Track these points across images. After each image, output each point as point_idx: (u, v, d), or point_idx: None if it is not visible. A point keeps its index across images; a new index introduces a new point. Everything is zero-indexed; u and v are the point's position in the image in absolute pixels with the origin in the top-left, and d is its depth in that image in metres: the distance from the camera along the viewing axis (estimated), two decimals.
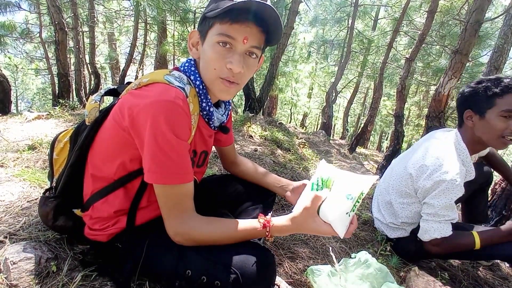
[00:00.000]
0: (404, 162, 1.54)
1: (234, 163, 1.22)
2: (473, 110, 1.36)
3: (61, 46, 5.10)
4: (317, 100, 18.61)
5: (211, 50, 0.77)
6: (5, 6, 7.53)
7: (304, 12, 12.69)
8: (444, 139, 1.45)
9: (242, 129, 3.56)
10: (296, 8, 5.24)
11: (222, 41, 0.76)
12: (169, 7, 6.28)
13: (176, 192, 0.76)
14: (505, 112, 1.27)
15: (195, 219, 0.79)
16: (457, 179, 1.27)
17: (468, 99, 1.38)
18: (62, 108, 3.54)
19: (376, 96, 7.41)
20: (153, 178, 0.73)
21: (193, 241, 0.78)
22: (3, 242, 0.96)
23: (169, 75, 0.78)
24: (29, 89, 19.27)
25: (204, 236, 0.78)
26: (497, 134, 1.31)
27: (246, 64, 0.79)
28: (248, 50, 0.79)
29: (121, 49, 13.15)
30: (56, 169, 0.95)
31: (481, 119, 1.35)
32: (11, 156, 1.75)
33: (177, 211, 0.77)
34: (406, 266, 1.44)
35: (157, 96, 0.71)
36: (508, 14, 4.28)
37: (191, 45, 0.86)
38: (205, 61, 0.80)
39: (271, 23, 0.77)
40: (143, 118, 0.70)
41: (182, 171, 0.75)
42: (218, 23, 0.75)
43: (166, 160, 0.71)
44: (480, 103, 1.33)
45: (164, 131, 0.69)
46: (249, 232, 0.79)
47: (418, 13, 8.30)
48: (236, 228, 0.79)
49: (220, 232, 0.79)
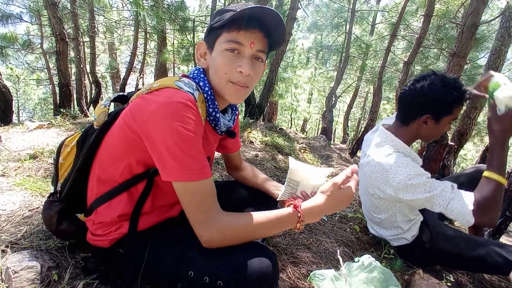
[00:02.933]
0: (362, 186, 1.55)
1: (238, 168, 1.25)
2: (433, 116, 1.33)
3: (62, 56, 5.16)
4: (317, 105, 18.65)
5: (221, 56, 0.81)
6: (6, 18, 7.66)
7: (302, 19, 12.82)
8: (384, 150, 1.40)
9: (242, 135, 3.58)
10: (294, 14, 5.29)
11: (231, 48, 0.80)
12: (169, 16, 6.35)
13: (199, 189, 0.75)
14: (454, 119, 1.35)
15: (225, 215, 0.79)
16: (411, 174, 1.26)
17: (432, 104, 1.31)
18: (63, 117, 3.57)
19: (376, 100, 7.42)
20: (174, 175, 0.74)
21: (225, 237, 0.77)
22: (5, 251, 0.95)
23: (179, 81, 0.81)
24: (31, 99, 19.38)
25: (239, 228, 0.78)
26: (437, 136, 1.44)
27: (253, 67, 0.83)
28: (255, 55, 0.83)
29: (122, 58, 13.27)
30: (62, 173, 0.96)
31: (435, 123, 1.35)
32: (13, 166, 1.75)
33: (206, 208, 0.77)
34: (410, 269, 1.43)
35: (168, 98, 0.73)
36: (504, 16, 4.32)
37: (199, 56, 0.90)
38: (215, 68, 0.84)
39: (274, 26, 0.82)
40: (156, 118, 0.71)
41: (201, 166, 0.75)
42: (225, 32, 0.81)
43: (185, 157, 0.72)
44: (442, 110, 1.32)
45: (179, 128, 0.71)
46: (281, 218, 0.81)
47: (414, 17, 8.38)
48: (268, 216, 0.80)
49: (255, 221, 0.79)
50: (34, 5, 8.24)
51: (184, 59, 7.31)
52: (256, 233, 0.80)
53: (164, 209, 0.92)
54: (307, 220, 0.83)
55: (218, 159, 2.46)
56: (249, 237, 0.80)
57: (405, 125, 1.42)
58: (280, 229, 0.84)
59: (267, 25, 0.81)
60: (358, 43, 9.61)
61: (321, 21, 11.26)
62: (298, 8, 5.51)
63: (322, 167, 1.08)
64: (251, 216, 0.80)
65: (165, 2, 6.39)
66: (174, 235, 0.84)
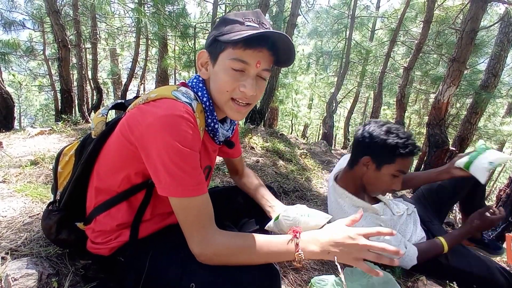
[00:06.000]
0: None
1: (241, 174, 1.24)
2: (373, 159, 1.34)
3: (64, 63, 5.20)
4: (318, 111, 18.68)
5: (224, 73, 0.79)
6: (9, 25, 7.73)
7: (302, 25, 12.92)
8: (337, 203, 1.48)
9: (243, 140, 3.58)
10: (294, 21, 5.34)
11: (236, 68, 0.77)
12: (170, 23, 6.40)
13: (193, 205, 0.74)
14: (398, 172, 1.31)
15: (219, 233, 0.76)
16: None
17: (371, 146, 1.32)
18: (64, 123, 3.58)
19: (376, 105, 7.44)
20: (168, 191, 0.72)
21: (219, 257, 0.75)
22: (5, 258, 0.95)
23: (177, 91, 0.79)
24: (33, 105, 19.48)
25: (233, 250, 0.75)
26: (383, 189, 1.39)
27: (257, 86, 0.81)
28: (260, 74, 0.81)
29: (123, 65, 13.35)
30: (61, 182, 0.95)
31: (376, 170, 1.34)
32: (14, 172, 1.76)
33: (201, 226, 0.75)
34: (413, 276, 1.41)
35: (165, 110, 0.71)
36: (503, 22, 4.34)
37: (200, 65, 0.86)
38: (218, 84, 0.81)
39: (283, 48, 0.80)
40: (152, 132, 0.70)
41: (196, 182, 0.74)
42: (231, 48, 0.77)
43: (180, 172, 0.71)
44: (382, 156, 1.31)
45: (175, 144, 0.69)
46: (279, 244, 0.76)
47: (414, 23, 8.43)
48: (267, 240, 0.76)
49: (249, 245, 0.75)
50: (37, 12, 8.34)
51: (185, 65, 7.35)
52: (252, 255, 0.75)
53: (164, 216, 0.91)
54: (306, 251, 0.75)
55: (219, 165, 2.45)
56: (242, 260, 0.76)
57: (350, 169, 1.45)
58: (277, 256, 0.77)
59: (276, 45, 0.79)
60: (358, 49, 9.66)
61: (321, 27, 11.33)
62: (298, 14, 5.56)
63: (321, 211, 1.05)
64: (246, 238, 0.76)
65: (167, 9, 6.45)
66: (175, 243, 0.82)
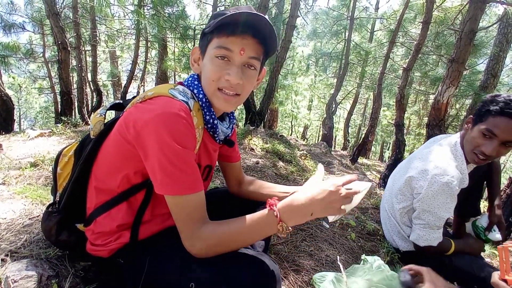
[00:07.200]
0: (405, 168, 1.55)
1: (242, 182, 1.17)
2: (473, 118, 1.38)
3: (64, 65, 5.21)
4: (317, 112, 18.71)
5: (210, 63, 0.80)
6: (9, 27, 7.76)
7: (302, 26, 12.96)
8: (443, 145, 1.46)
9: (243, 142, 3.57)
10: (294, 22, 5.36)
11: (220, 55, 0.78)
12: (169, 25, 6.43)
13: (188, 202, 0.75)
14: (487, 130, 1.28)
15: (208, 225, 0.77)
16: (453, 182, 1.30)
17: (479, 106, 1.36)
18: (64, 125, 3.58)
19: (376, 106, 7.44)
20: (164, 189, 0.73)
21: (210, 248, 0.75)
22: (5, 260, 0.95)
23: (174, 89, 0.80)
24: (32, 107, 19.49)
25: (220, 238, 0.75)
26: (471, 147, 1.36)
27: (245, 75, 0.81)
28: (247, 62, 0.80)
29: (123, 67, 13.38)
30: (60, 183, 0.95)
31: (471, 128, 1.37)
32: (14, 174, 1.75)
33: (191, 222, 0.76)
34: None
35: (161, 108, 0.72)
36: (502, 22, 4.36)
37: (193, 61, 0.89)
38: (205, 75, 0.82)
39: (268, 33, 0.79)
40: (148, 130, 0.70)
41: (192, 180, 0.74)
42: (215, 38, 0.78)
43: (175, 171, 0.71)
44: (478, 114, 1.34)
45: (170, 142, 0.70)
46: (259, 220, 0.76)
47: (413, 24, 8.46)
48: (248, 220, 0.76)
49: (235, 229, 0.76)
50: (37, 15, 8.38)
51: (185, 67, 7.38)
52: (238, 238, 0.76)
53: (165, 217, 0.91)
54: (289, 220, 0.74)
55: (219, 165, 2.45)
56: (232, 245, 0.77)
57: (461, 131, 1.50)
58: (261, 232, 0.77)
59: (262, 32, 0.78)
60: (358, 50, 9.70)
61: (320, 29, 11.36)
62: (297, 16, 5.58)
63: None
64: (230, 223, 0.77)
65: (166, 11, 6.48)
66: (174, 244, 0.82)
